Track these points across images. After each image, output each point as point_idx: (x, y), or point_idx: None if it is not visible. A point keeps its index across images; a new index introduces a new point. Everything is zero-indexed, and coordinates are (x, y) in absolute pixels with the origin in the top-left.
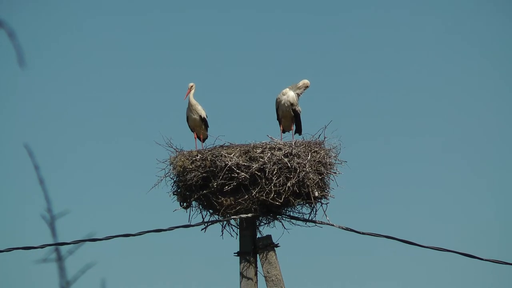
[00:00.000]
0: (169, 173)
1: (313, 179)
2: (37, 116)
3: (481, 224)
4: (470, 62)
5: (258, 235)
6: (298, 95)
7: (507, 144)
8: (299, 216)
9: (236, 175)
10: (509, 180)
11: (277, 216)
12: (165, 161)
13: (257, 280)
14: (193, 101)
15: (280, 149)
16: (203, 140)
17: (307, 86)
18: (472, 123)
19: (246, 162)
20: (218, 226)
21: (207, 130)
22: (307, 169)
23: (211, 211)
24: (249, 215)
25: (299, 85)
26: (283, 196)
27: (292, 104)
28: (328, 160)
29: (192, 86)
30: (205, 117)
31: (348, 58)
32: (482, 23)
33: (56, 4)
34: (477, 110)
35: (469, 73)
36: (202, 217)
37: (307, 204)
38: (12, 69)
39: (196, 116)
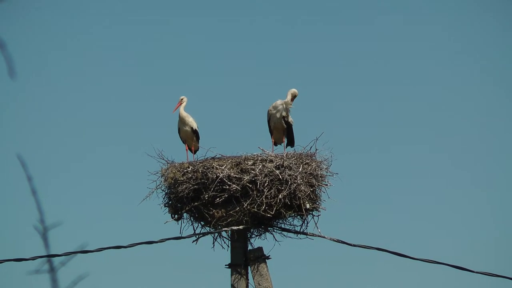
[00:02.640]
0: (160, 185)
1: (304, 191)
2: (29, 127)
3: (472, 236)
4: (462, 72)
5: (250, 247)
6: (290, 107)
7: (501, 155)
8: (290, 228)
9: (227, 187)
10: (500, 192)
11: (269, 228)
12: (157, 173)
13: None
14: (183, 114)
15: (271, 161)
16: (195, 152)
17: (296, 95)
18: (465, 133)
19: (237, 174)
20: (209, 238)
21: (198, 142)
22: (298, 181)
23: (202, 223)
24: (241, 227)
25: (288, 97)
26: (275, 208)
27: (283, 116)
28: (319, 172)
29: (182, 99)
30: (197, 128)
31: (340, 69)
32: (476, 32)
33: (48, 15)
34: (471, 120)
35: (461, 83)
36: (194, 229)
37: (298, 216)
38: (2, 80)
39: (187, 128)
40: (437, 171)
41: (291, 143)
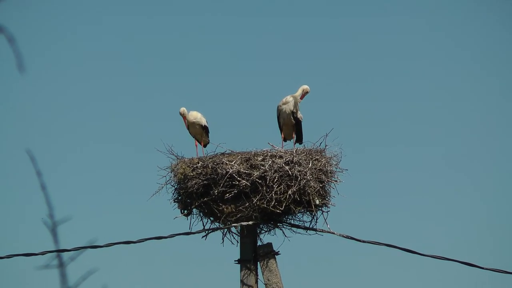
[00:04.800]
0: (170, 180)
1: (314, 187)
2: (39, 122)
3: (482, 233)
4: (471, 72)
5: (259, 243)
6: (298, 102)
7: (507, 154)
8: (299, 224)
9: (237, 182)
10: (509, 188)
11: (278, 224)
12: (166, 168)
13: None
14: (192, 120)
15: (281, 157)
16: (205, 146)
17: (307, 92)
18: (473, 132)
19: (247, 170)
20: (218, 233)
21: (208, 136)
22: (308, 177)
23: (211, 218)
24: (250, 222)
25: (299, 92)
26: (284, 204)
27: (293, 112)
28: (329, 168)
29: (183, 112)
30: (206, 124)
31: (349, 66)
32: (483, 34)
33: (58, 9)
34: (478, 119)
35: (469, 83)
36: (203, 224)
37: (308, 212)
38: (12, 74)
39: (197, 126)
40: (447, 168)
41: (299, 140)
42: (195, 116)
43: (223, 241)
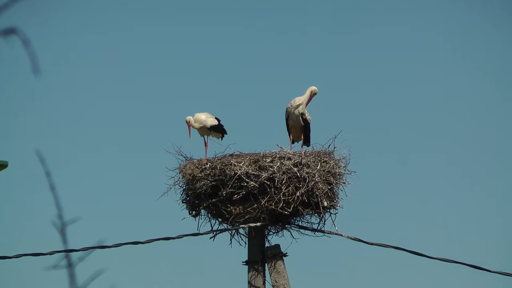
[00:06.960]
0: (178, 181)
1: (322, 189)
2: (50, 123)
3: (491, 236)
4: (479, 80)
5: (267, 244)
6: (307, 103)
7: None
8: (307, 226)
9: (245, 184)
10: None
11: (286, 226)
12: (175, 169)
13: None
14: (197, 126)
15: (289, 158)
16: (222, 138)
17: (315, 93)
18: (481, 136)
19: (255, 171)
20: (226, 234)
21: (220, 132)
22: (316, 179)
23: (220, 219)
24: (258, 224)
25: (307, 94)
26: (292, 206)
27: (302, 114)
28: (337, 170)
29: (189, 121)
30: (213, 124)
31: (358, 70)
32: (487, 43)
33: (72, 12)
34: (488, 123)
35: (475, 89)
36: (211, 225)
37: (316, 214)
38: (25, 76)
39: (205, 128)
40: (456, 172)
41: (307, 142)
42: (199, 120)
43: (231, 242)
